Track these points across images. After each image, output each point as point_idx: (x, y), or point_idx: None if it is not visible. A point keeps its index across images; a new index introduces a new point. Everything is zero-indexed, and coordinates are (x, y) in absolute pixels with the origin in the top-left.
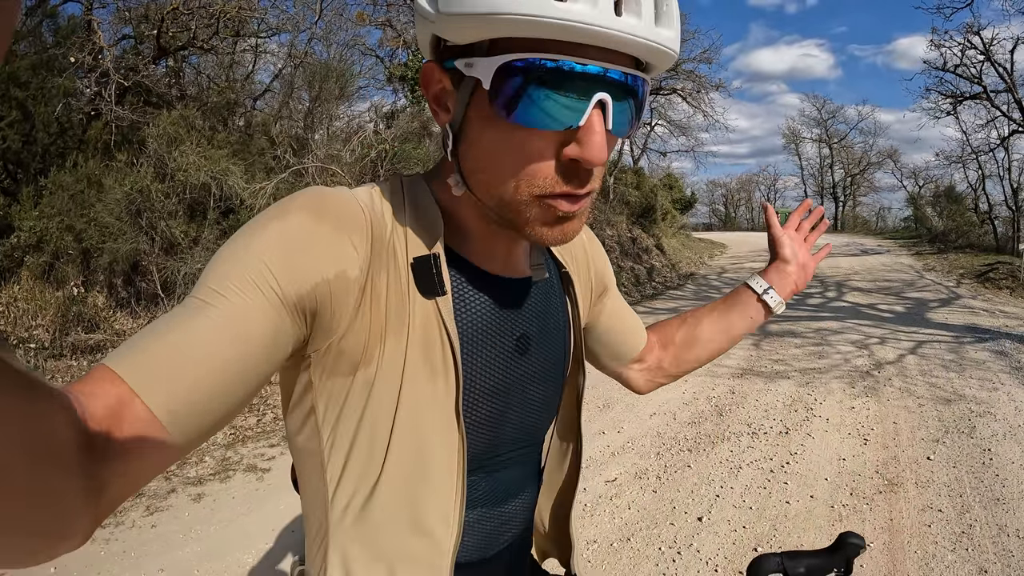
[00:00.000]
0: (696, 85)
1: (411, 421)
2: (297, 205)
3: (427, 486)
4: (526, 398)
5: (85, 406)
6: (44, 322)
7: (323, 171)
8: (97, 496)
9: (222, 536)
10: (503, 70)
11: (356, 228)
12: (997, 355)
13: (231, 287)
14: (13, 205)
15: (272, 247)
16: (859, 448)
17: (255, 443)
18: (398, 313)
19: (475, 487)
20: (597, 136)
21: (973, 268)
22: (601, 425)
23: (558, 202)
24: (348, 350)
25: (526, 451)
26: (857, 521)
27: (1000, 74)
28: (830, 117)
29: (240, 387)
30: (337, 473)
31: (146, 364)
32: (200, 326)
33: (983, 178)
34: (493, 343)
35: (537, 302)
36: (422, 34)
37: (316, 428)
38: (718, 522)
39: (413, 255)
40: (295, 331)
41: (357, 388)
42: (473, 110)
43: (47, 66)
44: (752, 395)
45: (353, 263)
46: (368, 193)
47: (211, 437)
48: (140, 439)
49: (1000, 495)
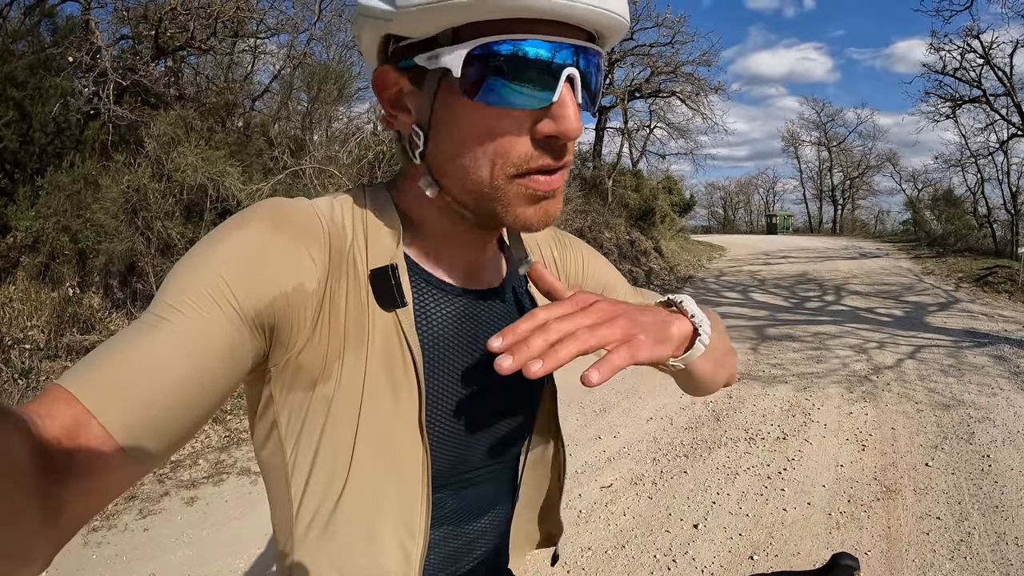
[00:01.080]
0: (695, 88)
1: (373, 437)
2: (255, 215)
3: (391, 503)
4: (494, 414)
5: (41, 427)
6: (39, 323)
7: (320, 172)
8: (55, 517)
9: (214, 540)
10: (474, 55)
11: (314, 239)
12: (996, 360)
13: (187, 301)
14: (9, 205)
15: (229, 260)
16: (857, 454)
17: (248, 446)
18: (357, 326)
19: (441, 504)
20: (571, 110)
21: (972, 272)
22: (597, 430)
23: (535, 180)
24: (307, 364)
25: (497, 468)
26: (855, 529)
27: (999, 78)
28: (829, 120)
29: (199, 403)
30: (301, 487)
31: (101, 382)
32: (156, 342)
33: (982, 182)
34: (457, 356)
35: (503, 315)
36: (370, 38)
37: (279, 442)
38: (714, 529)
39: (372, 266)
40: (254, 345)
41: (316, 403)
42: (442, 101)
43: (45, 66)
44: (749, 400)
45: (311, 276)
46: (328, 203)
47: (173, 454)
48: (97, 459)
49: (999, 502)
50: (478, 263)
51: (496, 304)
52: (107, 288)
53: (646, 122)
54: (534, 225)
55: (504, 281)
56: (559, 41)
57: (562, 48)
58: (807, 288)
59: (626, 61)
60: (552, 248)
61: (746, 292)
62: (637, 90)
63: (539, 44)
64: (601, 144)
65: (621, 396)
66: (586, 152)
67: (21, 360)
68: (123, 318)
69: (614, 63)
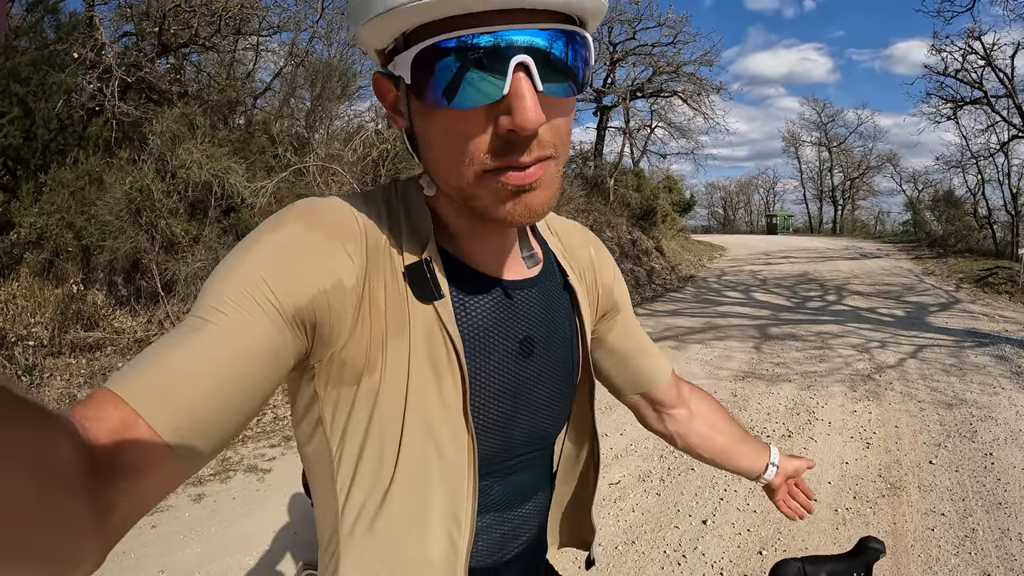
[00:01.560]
0: (697, 88)
1: (420, 426)
2: (291, 217)
3: (438, 491)
4: (533, 401)
5: (89, 429)
6: (43, 319)
7: (324, 170)
8: (105, 518)
9: (223, 537)
10: (418, 60)
11: (350, 237)
12: (997, 359)
13: (229, 303)
14: (13, 201)
15: (268, 260)
16: (861, 452)
17: (255, 443)
18: (398, 319)
19: (488, 491)
20: (526, 100)
21: (972, 272)
22: (603, 427)
23: (506, 176)
24: (350, 359)
25: (537, 454)
26: (861, 525)
27: (1001, 79)
28: (830, 121)
29: (243, 403)
30: (347, 483)
31: (148, 385)
32: (200, 344)
33: (982, 183)
34: (496, 345)
35: (539, 305)
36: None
37: (325, 438)
38: (722, 525)
39: (407, 260)
40: (296, 344)
41: (363, 397)
42: (413, 107)
43: (48, 62)
44: (754, 398)
45: (349, 272)
46: (362, 199)
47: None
48: (145, 459)
49: (1002, 499)
50: (506, 251)
51: (533, 293)
52: (111, 285)
53: (647, 122)
54: (516, 220)
55: (541, 271)
56: (507, 29)
57: (511, 36)
58: (808, 288)
59: (628, 60)
60: (591, 250)
61: (748, 292)
62: (639, 90)
63: (483, 36)
64: (603, 143)
65: None
66: (588, 151)
67: (25, 357)
68: (127, 315)
69: (616, 62)
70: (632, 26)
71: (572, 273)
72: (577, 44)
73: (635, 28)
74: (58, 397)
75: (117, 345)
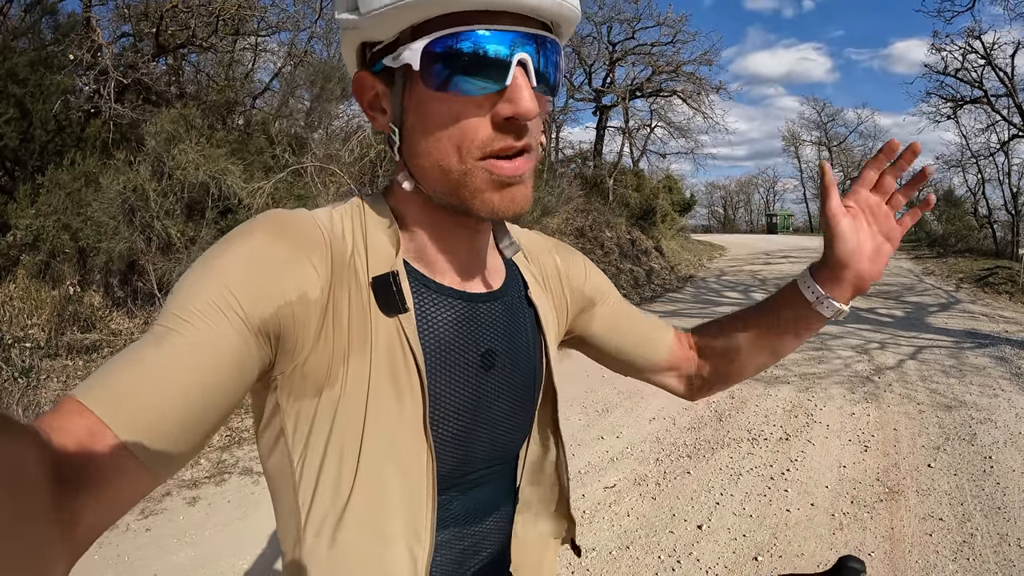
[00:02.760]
0: (696, 87)
1: (379, 440)
2: (257, 228)
3: (398, 505)
4: (494, 415)
5: (54, 439)
6: (40, 321)
7: (321, 171)
8: (71, 528)
9: (217, 540)
10: (430, 48)
11: (315, 249)
12: (997, 361)
13: (195, 312)
14: (9, 203)
15: (234, 270)
16: (860, 455)
17: (251, 445)
18: (361, 332)
19: (447, 506)
20: (525, 91)
21: (972, 272)
22: (600, 430)
23: (498, 166)
24: (312, 371)
25: (499, 469)
26: (858, 530)
27: (1001, 78)
28: (830, 120)
29: (209, 413)
30: (309, 495)
31: (113, 394)
32: (166, 353)
33: (983, 182)
34: (457, 358)
35: (502, 318)
36: (348, 49)
37: (286, 450)
38: (718, 530)
39: (373, 273)
40: (260, 354)
41: (323, 409)
42: (408, 97)
43: (46, 63)
44: (752, 400)
45: (314, 284)
46: (327, 213)
47: (186, 463)
48: (111, 469)
49: (1001, 503)
50: (474, 265)
51: (495, 306)
52: (108, 286)
53: (647, 121)
54: (500, 211)
55: (503, 284)
56: (510, 30)
57: (513, 35)
58: None
59: (627, 60)
60: (555, 255)
61: (747, 292)
62: (638, 89)
63: (491, 33)
64: (602, 143)
65: (623, 396)
66: (587, 151)
67: (21, 359)
68: (123, 316)
69: (615, 62)
70: (631, 25)
71: (535, 284)
72: (557, 50)
73: (634, 27)
74: (55, 399)
75: (114, 347)
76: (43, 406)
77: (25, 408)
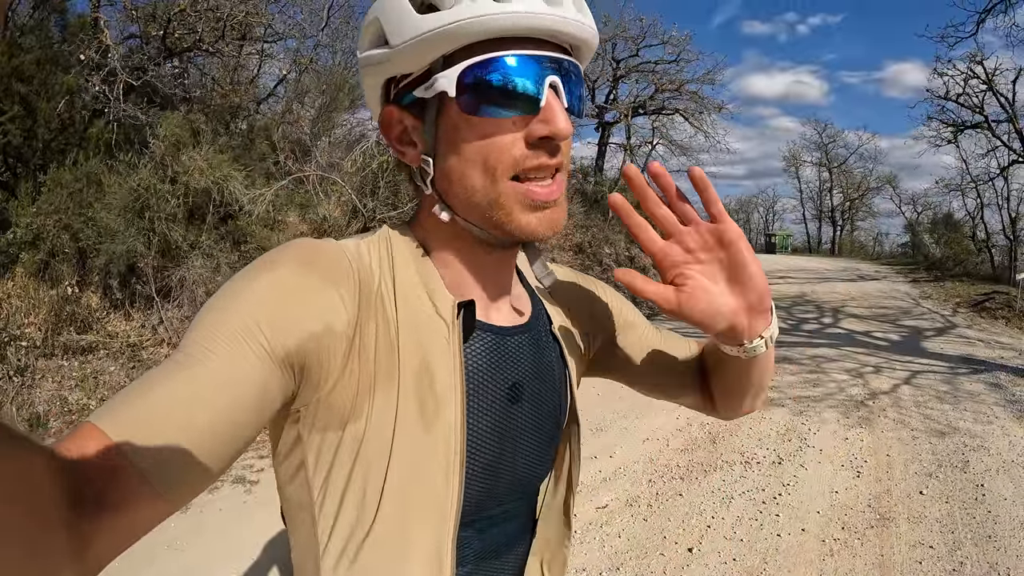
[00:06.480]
0: (699, 106)
1: (404, 474)
2: (287, 257)
3: (419, 542)
4: (519, 448)
5: (71, 463)
6: (36, 320)
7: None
8: (82, 552)
9: (208, 549)
10: (465, 75)
11: (343, 280)
12: (992, 387)
13: (219, 341)
14: (11, 200)
15: (260, 301)
16: (852, 481)
17: (244, 454)
18: (388, 365)
19: (467, 543)
20: (558, 112)
21: (969, 297)
22: (593, 449)
23: (534, 191)
24: (336, 404)
25: (519, 504)
26: (848, 556)
27: (1002, 104)
28: (831, 141)
29: (228, 442)
30: (328, 526)
31: (133, 421)
32: (188, 381)
33: (982, 207)
34: (486, 391)
35: (529, 351)
36: (372, 87)
37: (306, 481)
38: (708, 554)
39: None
40: (283, 386)
41: (347, 443)
42: (442, 125)
43: (53, 62)
44: (746, 423)
45: (341, 317)
46: (355, 244)
47: (204, 490)
48: (126, 495)
49: (992, 532)
50: (502, 298)
51: (523, 340)
52: (106, 288)
53: (648, 139)
54: (540, 232)
55: (530, 318)
56: (540, 54)
57: (543, 59)
58: (805, 309)
59: (631, 78)
60: (579, 287)
61: None
62: (641, 107)
63: (524, 57)
64: (603, 160)
65: (618, 415)
66: (588, 167)
67: (17, 358)
68: (121, 319)
69: (619, 79)
70: (636, 43)
71: (559, 317)
72: (579, 73)
73: (639, 45)
74: (48, 399)
75: (110, 349)
76: (37, 405)
77: (19, 407)
